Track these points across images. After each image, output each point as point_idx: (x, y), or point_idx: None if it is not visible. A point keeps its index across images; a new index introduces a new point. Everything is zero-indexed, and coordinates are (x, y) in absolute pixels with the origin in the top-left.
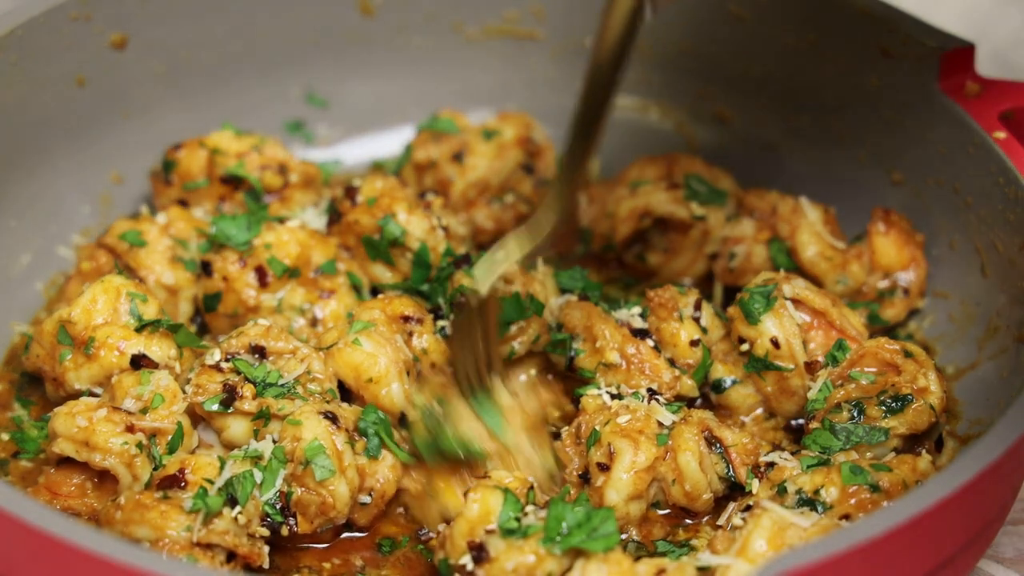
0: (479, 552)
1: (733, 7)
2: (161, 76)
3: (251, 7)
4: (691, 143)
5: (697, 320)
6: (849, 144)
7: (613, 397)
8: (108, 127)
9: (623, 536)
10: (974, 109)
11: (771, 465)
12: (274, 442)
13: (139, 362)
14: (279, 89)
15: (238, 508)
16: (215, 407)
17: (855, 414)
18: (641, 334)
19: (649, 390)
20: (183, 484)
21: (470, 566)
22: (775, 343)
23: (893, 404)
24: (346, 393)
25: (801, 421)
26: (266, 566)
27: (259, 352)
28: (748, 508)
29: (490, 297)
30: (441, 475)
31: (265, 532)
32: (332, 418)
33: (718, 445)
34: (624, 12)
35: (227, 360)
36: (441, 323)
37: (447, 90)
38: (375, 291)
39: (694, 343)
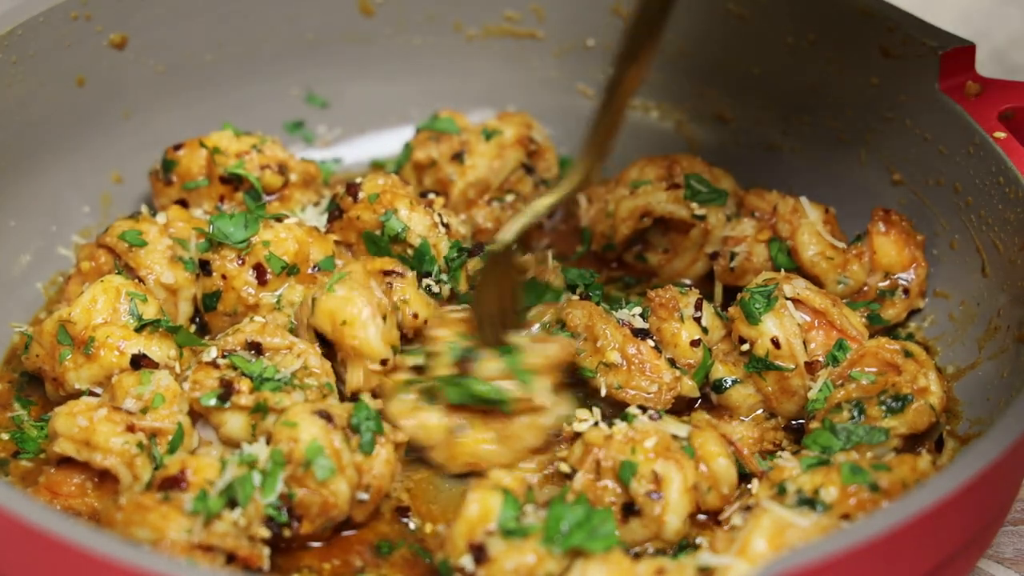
0: (479, 553)
1: (733, 7)
2: (161, 76)
3: (251, 7)
4: (691, 143)
5: (698, 320)
6: (849, 144)
7: (603, 419)
8: (108, 127)
9: None
10: (974, 109)
11: (772, 454)
12: (268, 443)
13: (139, 362)
14: (279, 89)
15: (238, 510)
16: (212, 402)
17: (855, 414)
18: (642, 334)
19: (640, 407)
20: (184, 485)
21: (470, 567)
22: (775, 343)
23: (893, 404)
24: (330, 352)
25: (801, 421)
26: (266, 567)
27: (255, 348)
28: (748, 508)
29: (515, 246)
30: (461, 412)
31: (265, 533)
32: (327, 417)
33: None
34: None
35: (224, 357)
36: (426, 281)
37: (447, 90)
38: None
39: (695, 343)
